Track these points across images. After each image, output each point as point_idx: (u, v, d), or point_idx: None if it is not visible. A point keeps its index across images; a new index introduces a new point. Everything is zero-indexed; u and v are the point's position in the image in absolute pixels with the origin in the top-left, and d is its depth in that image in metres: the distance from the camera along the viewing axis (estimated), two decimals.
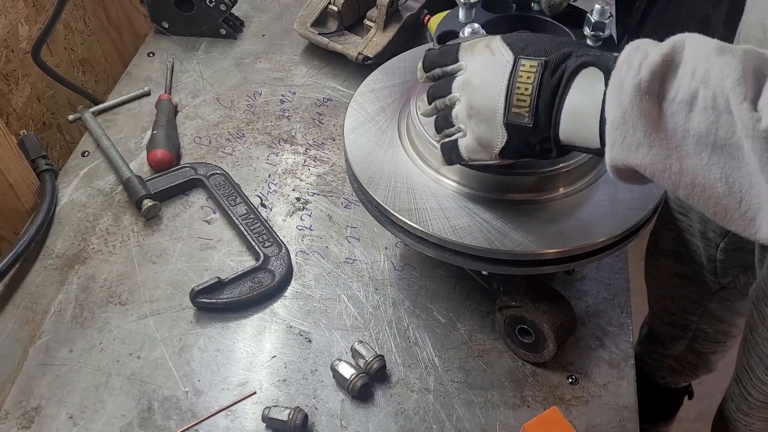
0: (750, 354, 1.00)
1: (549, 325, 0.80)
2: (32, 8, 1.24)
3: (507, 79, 0.61)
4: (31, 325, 0.91)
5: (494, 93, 0.62)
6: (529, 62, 0.60)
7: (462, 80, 0.66)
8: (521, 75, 0.60)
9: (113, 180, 1.08)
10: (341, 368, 0.83)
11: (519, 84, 0.60)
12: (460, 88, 0.67)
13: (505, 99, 0.62)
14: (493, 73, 0.62)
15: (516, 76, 0.61)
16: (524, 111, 0.61)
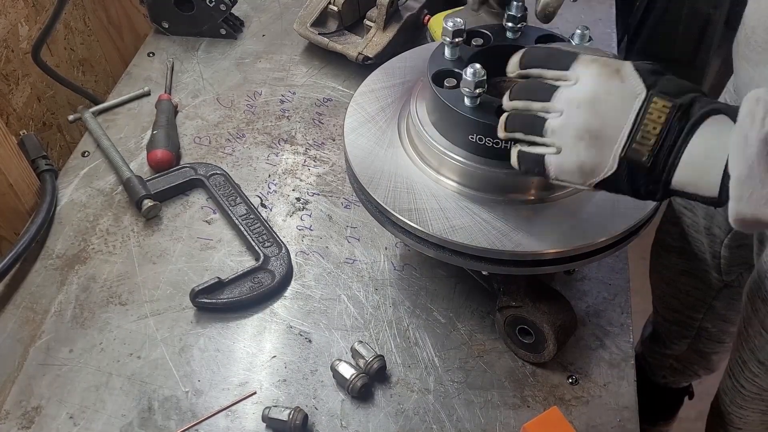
0: (743, 348, 1.00)
1: (549, 325, 0.80)
2: (32, 8, 1.25)
3: (636, 112, 0.58)
4: (32, 325, 0.91)
5: (618, 122, 0.59)
6: (662, 101, 0.57)
7: (574, 96, 0.61)
8: (652, 113, 0.57)
9: (113, 180, 1.08)
10: (341, 368, 0.83)
11: (648, 121, 0.58)
12: (568, 103, 0.61)
13: (630, 131, 0.58)
14: (621, 102, 0.59)
15: (646, 112, 0.58)
16: (646, 150, 0.58)
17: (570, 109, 0.61)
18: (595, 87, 0.60)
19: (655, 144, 0.57)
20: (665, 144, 0.57)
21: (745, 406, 1.08)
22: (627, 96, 0.59)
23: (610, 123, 0.59)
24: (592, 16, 1.37)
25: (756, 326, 0.94)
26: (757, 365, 0.98)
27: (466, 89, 0.73)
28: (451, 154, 0.78)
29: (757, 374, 0.99)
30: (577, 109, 0.61)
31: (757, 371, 0.99)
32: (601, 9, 1.39)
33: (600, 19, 1.36)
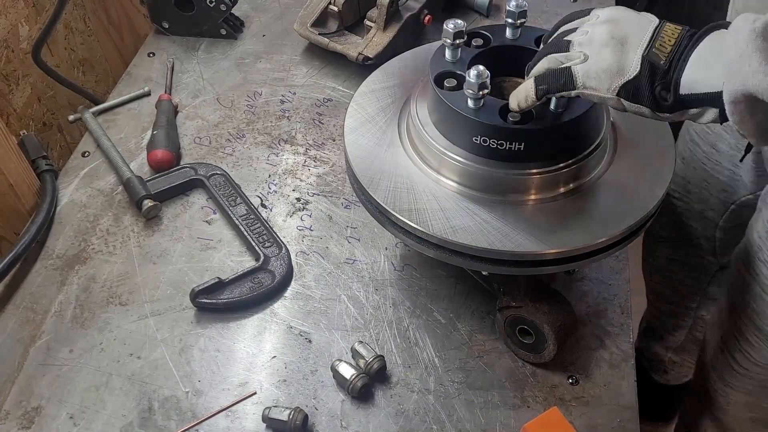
0: (739, 317, 1.00)
1: (549, 325, 0.80)
2: (32, 8, 1.25)
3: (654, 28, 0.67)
4: (32, 325, 0.91)
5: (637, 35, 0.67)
6: (673, 26, 0.67)
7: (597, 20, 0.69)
8: (666, 30, 0.67)
9: (113, 180, 1.08)
10: (341, 368, 0.83)
11: (663, 34, 0.66)
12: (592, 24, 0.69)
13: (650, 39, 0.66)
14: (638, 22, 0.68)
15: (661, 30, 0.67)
16: (663, 54, 0.65)
17: (594, 27, 0.69)
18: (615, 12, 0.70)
19: (671, 50, 0.65)
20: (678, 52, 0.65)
21: (732, 384, 1.07)
22: (643, 21, 0.68)
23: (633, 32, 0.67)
24: None
25: (756, 290, 0.94)
26: (755, 333, 0.97)
27: (469, 91, 0.73)
28: (451, 154, 0.78)
29: (754, 344, 0.98)
30: (601, 25, 0.68)
31: (753, 341, 0.98)
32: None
33: None
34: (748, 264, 0.95)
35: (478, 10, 1.37)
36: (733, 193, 1.10)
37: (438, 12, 1.31)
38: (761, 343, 0.97)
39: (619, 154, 0.82)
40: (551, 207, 0.78)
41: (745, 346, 1.00)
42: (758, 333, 0.96)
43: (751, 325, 0.97)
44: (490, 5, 1.36)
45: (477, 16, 1.37)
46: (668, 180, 0.80)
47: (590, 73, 0.67)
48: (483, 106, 0.75)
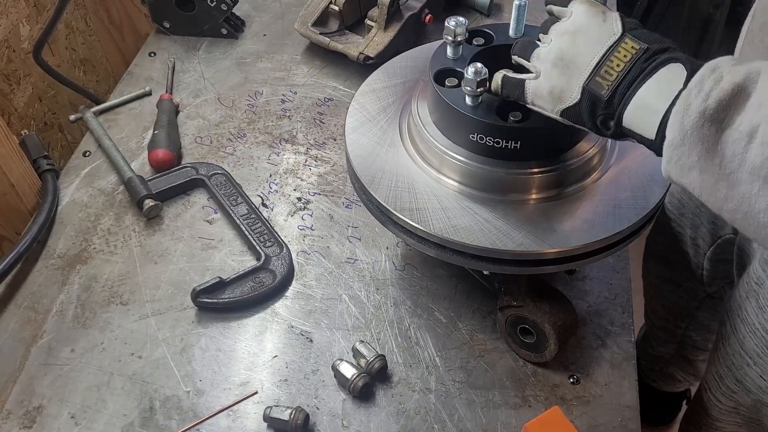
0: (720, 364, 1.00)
1: (550, 324, 0.80)
2: (33, 8, 1.25)
3: (606, 48, 0.63)
4: (33, 324, 0.91)
5: (588, 54, 0.64)
6: (632, 43, 0.62)
7: (562, 27, 0.67)
8: (620, 51, 0.62)
9: (114, 180, 1.08)
10: (342, 368, 0.83)
11: (614, 58, 0.62)
12: (556, 32, 0.67)
13: (595, 65, 0.63)
14: (597, 37, 0.64)
15: (615, 50, 0.63)
16: (606, 83, 0.62)
17: (556, 38, 0.67)
18: (581, 21, 0.66)
19: (615, 80, 0.62)
20: (624, 82, 0.61)
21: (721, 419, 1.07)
22: (604, 33, 0.64)
23: (583, 54, 0.64)
24: None
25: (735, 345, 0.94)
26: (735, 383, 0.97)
27: (467, 88, 0.73)
28: (452, 153, 0.78)
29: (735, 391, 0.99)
30: (560, 38, 0.67)
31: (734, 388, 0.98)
32: None
33: None
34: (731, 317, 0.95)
35: (479, 10, 1.37)
36: (720, 227, 1.09)
37: (439, 11, 1.31)
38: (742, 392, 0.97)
39: (620, 154, 0.82)
40: (552, 206, 0.78)
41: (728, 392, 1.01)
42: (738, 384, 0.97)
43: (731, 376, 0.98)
44: (491, 4, 1.36)
45: (478, 16, 1.37)
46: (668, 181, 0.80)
47: (538, 93, 0.68)
48: (481, 104, 0.75)
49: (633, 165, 0.81)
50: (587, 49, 0.64)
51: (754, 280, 0.88)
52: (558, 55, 0.66)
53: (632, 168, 0.81)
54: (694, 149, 0.55)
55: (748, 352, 0.91)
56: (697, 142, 0.55)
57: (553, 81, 0.66)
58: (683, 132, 0.55)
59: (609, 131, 0.65)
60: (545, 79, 0.67)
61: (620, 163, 0.82)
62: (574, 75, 0.64)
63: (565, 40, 0.66)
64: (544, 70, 0.67)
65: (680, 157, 0.56)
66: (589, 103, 0.64)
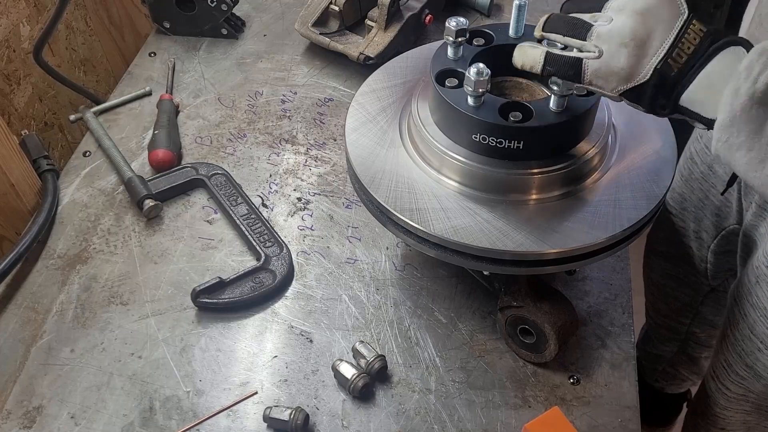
0: (729, 351, 1.00)
1: (550, 325, 0.80)
2: (34, 8, 1.25)
3: (678, 29, 0.63)
4: (33, 324, 0.91)
5: (660, 35, 0.63)
6: (699, 25, 0.62)
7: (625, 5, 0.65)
8: (690, 33, 0.62)
9: (115, 180, 1.08)
10: (342, 368, 0.83)
11: (685, 40, 0.62)
12: (619, 11, 0.65)
13: (669, 46, 0.63)
14: (668, 18, 0.63)
15: (685, 32, 0.63)
16: (676, 66, 0.63)
17: (620, 17, 0.65)
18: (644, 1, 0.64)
19: (686, 62, 0.63)
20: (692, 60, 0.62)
21: (729, 407, 1.07)
22: (673, 14, 0.63)
23: (655, 35, 0.63)
24: None
25: (744, 330, 0.94)
26: (745, 369, 0.97)
27: (469, 88, 0.73)
28: (452, 153, 0.78)
29: (745, 377, 0.98)
30: (627, 17, 0.64)
31: (744, 374, 0.98)
32: None
33: None
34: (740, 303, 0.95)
35: (479, 10, 1.37)
36: (724, 218, 1.09)
37: (439, 12, 1.31)
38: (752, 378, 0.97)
39: (619, 155, 0.82)
40: (552, 207, 0.78)
41: (737, 378, 1.01)
42: (748, 370, 0.97)
43: (741, 362, 0.98)
44: (491, 5, 1.36)
45: (478, 16, 1.37)
46: (669, 180, 0.80)
47: (600, 72, 0.66)
48: (483, 104, 0.75)
49: (633, 165, 0.81)
50: (659, 29, 0.63)
51: (765, 264, 0.88)
52: (628, 35, 0.64)
53: (632, 168, 0.81)
54: (742, 130, 0.57)
55: (759, 336, 0.91)
56: (746, 122, 0.57)
57: (621, 61, 0.64)
58: (733, 113, 0.57)
59: (665, 110, 0.65)
60: (610, 60, 0.65)
61: (620, 163, 0.82)
62: (646, 56, 0.64)
63: (634, 20, 0.64)
64: (609, 50, 0.65)
65: (729, 137, 0.58)
66: (656, 84, 0.64)
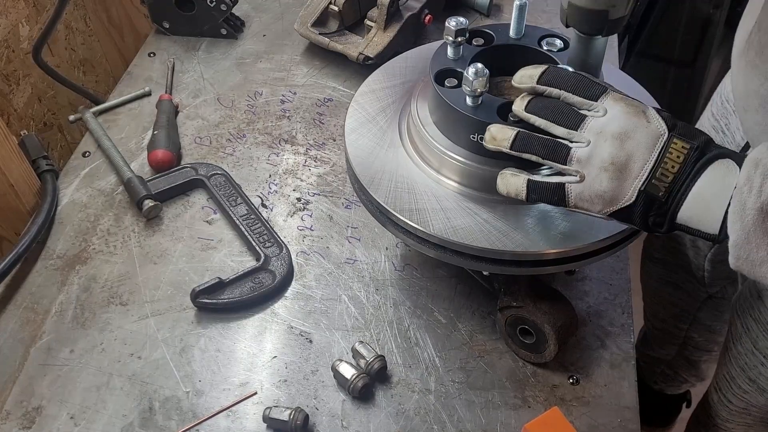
0: (731, 364, 1.00)
1: (550, 325, 0.80)
2: (33, 8, 1.25)
3: (659, 150, 0.62)
4: (32, 325, 0.91)
5: (641, 158, 0.62)
6: (681, 143, 0.62)
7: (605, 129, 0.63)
8: (671, 152, 0.61)
9: (114, 180, 1.08)
10: (342, 368, 0.83)
11: (667, 159, 0.61)
12: (596, 133, 0.64)
13: (652, 167, 0.62)
14: (646, 139, 0.62)
15: (667, 152, 0.62)
16: (663, 186, 0.62)
17: (599, 141, 0.63)
18: (625, 123, 0.63)
19: (672, 181, 0.61)
20: (679, 182, 0.61)
21: (731, 419, 1.07)
22: (652, 135, 0.62)
23: (636, 158, 0.62)
24: None
25: (747, 344, 0.94)
26: (747, 382, 0.97)
27: (467, 88, 0.73)
28: (452, 154, 0.78)
29: (747, 391, 0.98)
30: (605, 141, 0.63)
31: (747, 388, 0.98)
32: None
33: None
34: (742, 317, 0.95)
35: (479, 10, 1.37)
36: None
37: (439, 12, 1.31)
38: (755, 391, 0.97)
39: None
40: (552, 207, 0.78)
41: (739, 392, 1.00)
42: (751, 384, 0.96)
43: (744, 376, 0.97)
44: (491, 5, 1.36)
45: (478, 16, 1.37)
46: None
47: (584, 196, 0.65)
48: (481, 104, 0.75)
49: None
50: (638, 152, 0.62)
51: None
52: (608, 159, 0.63)
53: None
54: (761, 244, 0.56)
55: (762, 351, 0.91)
56: (763, 236, 0.56)
57: (603, 185, 0.63)
58: (746, 230, 0.57)
59: (662, 229, 0.64)
60: (593, 183, 0.64)
61: None
62: (628, 179, 0.62)
63: (611, 144, 0.63)
64: (590, 174, 0.64)
65: (749, 254, 0.57)
66: (644, 205, 0.63)
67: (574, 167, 0.65)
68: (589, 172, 0.64)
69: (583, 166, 0.64)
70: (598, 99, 0.65)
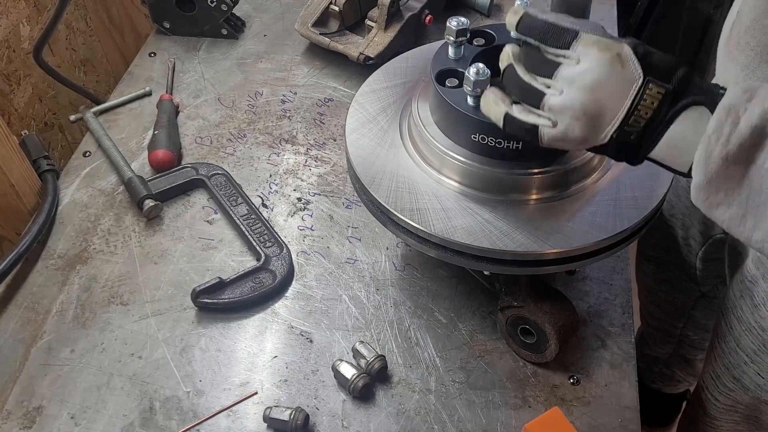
0: (717, 363, 1.00)
1: (551, 325, 0.80)
2: (34, 8, 1.25)
3: (633, 97, 0.61)
4: (33, 325, 0.91)
5: (614, 106, 0.62)
6: (656, 88, 0.61)
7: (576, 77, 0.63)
8: (646, 99, 0.61)
9: (115, 180, 1.08)
10: (342, 368, 0.83)
11: (641, 106, 0.61)
12: (569, 82, 0.63)
13: (624, 115, 0.62)
14: (620, 88, 0.61)
15: (641, 98, 0.61)
16: (635, 130, 0.62)
17: (570, 91, 0.63)
18: (597, 72, 0.62)
19: (645, 125, 0.61)
20: (653, 124, 0.61)
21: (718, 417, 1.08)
22: (626, 82, 0.61)
23: (608, 108, 0.62)
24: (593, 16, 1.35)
25: (731, 343, 0.94)
26: (732, 380, 0.97)
27: (468, 88, 0.73)
28: (452, 154, 0.78)
29: (732, 389, 0.99)
30: (577, 91, 0.63)
31: (732, 386, 0.98)
32: (602, 9, 1.39)
33: (601, 18, 1.36)
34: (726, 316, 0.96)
35: (479, 10, 1.37)
36: (711, 227, 1.10)
37: (439, 12, 1.31)
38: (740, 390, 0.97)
39: None
40: (552, 207, 0.78)
41: (725, 390, 1.01)
42: (735, 382, 0.97)
43: (728, 374, 0.98)
44: (491, 5, 1.36)
45: (478, 16, 1.37)
46: (669, 181, 0.80)
47: (557, 138, 0.65)
48: None
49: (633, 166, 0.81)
50: (611, 101, 0.62)
51: (748, 279, 0.88)
52: (580, 110, 0.63)
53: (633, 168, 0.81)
54: (720, 188, 0.58)
55: (744, 350, 0.91)
56: (723, 181, 0.57)
57: (575, 133, 0.64)
58: (708, 175, 0.58)
59: (636, 161, 0.65)
60: (565, 129, 0.64)
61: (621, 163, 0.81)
62: (600, 126, 0.63)
63: (584, 94, 0.62)
64: (563, 122, 0.64)
65: (708, 197, 0.59)
66: (617, 145, 0.64)
67: (547, 114, 0.65)
68: (562, 120, 0.64)
69: (555, 114, 0.64)
70: (570, 46, 0.64)
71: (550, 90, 0.65)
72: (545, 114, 0.65)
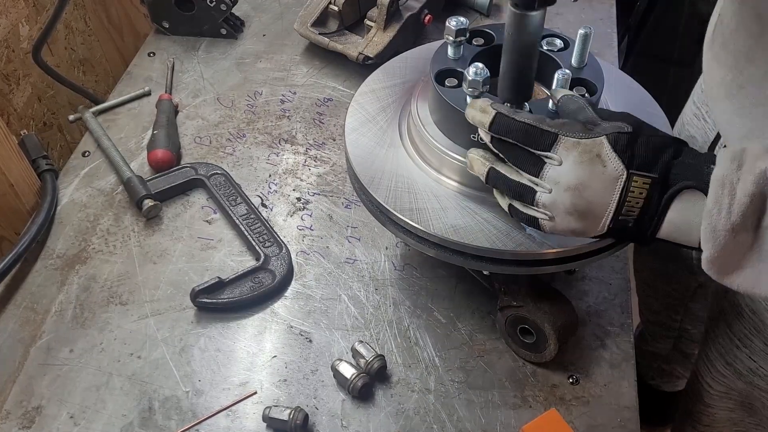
0: (710, 348, 1.01)
1: (550, 325, 0.80)
2: (33, 8, 1.25)
3: (619, 193, 0.63)
4: (32, 325, 0.91)
5: (603, 201, 0.64)
6: (641, 179, 0.62)
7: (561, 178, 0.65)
8: (633, 191, 0.63)
9: (114, 180, 1.08)
10: (342, 368, 0.83)
11: (630, 198, 0.63)
12: (555, 182, 0.65)
13: (615, 209, 0.64)
14: (604, 186, 0.63)
15: (628, 191, 0.63)
16: (631, 218, 0.64)
17: (557, 190, 0.65)
18: (579, 174, 0.64)
19: (639, 214, 0.63)
20: (647, 212, 0.63)
21: (713, 404, 1.08)
22: (610, 179, 0.63)
23: (597, 204, 0.64)
24: (593, 16, 1.37)
25: (723, 328, 0.95)
26: (725, 366, 0.98)
27: (468, 88, 0.73)
28: (452, 153, 0.78)
29: (725, 375, 0.99)
30: (564, 192, 0.65)
31: (725, 372, 0.99)
32: (602, 9, 1.39)
33: (601, 18, 1.36)
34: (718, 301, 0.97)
35: (479, 10, 1.37)
36: None
37: (438, 12, 1.31)
38: (732, 375, 0.97)
39: None
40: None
41: (718, 376, 1.01)
42: (728, 367, 0.97)
43: (721, 360, 0.98)
44: (491, 5, 1.36)
45: (477, 16, 1.37)
46: None
47: (557, 230, 0.68)
48: None
49: None
50: (600, 198, 0.64)
51: None
52: (570, 207, 0.65)
53: None
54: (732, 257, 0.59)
55: (735, 335, 0.92)
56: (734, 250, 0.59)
57: (571, 225, 0.66)
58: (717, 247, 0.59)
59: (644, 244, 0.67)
60: (562, 222, 0.66)
61: None
62: (595, 220, 0.65)
63: (571, 194, 0.64)
64: (558, 216, 0.66)
65: (720, 267, 0.60)
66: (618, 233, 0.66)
67: (542, 210, 0.67)
68: (557, 214, 0.66)
69: (549, 210, 0.66)
70: (551, 149, 0.65)
71: (539, 188, 0.66)
72: (541, 210, 0.67)
